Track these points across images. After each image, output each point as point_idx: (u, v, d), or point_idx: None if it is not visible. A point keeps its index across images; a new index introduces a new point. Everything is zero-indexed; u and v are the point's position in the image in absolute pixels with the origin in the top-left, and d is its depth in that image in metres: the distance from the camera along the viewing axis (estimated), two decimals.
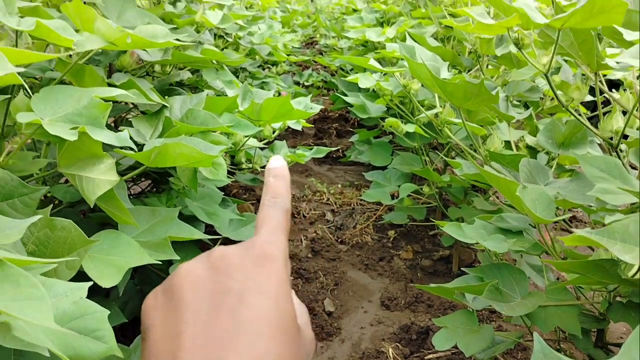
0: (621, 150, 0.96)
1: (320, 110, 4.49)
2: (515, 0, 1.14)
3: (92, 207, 0.76)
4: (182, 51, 1.24)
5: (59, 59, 0.95)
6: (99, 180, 0.74)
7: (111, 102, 0.75)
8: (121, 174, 1.10)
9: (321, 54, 5.28)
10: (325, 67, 4.48)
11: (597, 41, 0.87)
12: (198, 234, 0.91)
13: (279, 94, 2.91)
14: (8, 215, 0.70)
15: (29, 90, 0.75)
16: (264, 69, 3.04)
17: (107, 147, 0.82)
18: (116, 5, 1.11)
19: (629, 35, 0.60)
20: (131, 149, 0.82)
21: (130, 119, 1.39)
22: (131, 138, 0.97)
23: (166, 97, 1.20)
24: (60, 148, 0.79)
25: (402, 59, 1.66)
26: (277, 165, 0.41)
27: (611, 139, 0.91)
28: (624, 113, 0.94)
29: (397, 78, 1.21)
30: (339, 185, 2.80)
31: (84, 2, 1.12)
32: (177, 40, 0.94)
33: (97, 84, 0.96)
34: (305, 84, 3.79)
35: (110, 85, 1.06)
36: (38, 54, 0.43)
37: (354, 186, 2.79)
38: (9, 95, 0.79)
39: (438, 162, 2.01)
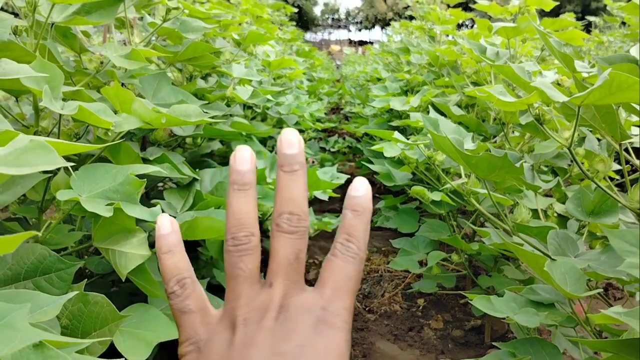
0: None
1: (346, 174, 4.54)
2: (536, 74, 1.17)
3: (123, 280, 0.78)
4: (213, 125, 1.29)
5: (97, 136, 1.00)
6: (131, 254, 0.76)
7: (145, 179, 0.79)
8: (152, 244, 1.12)
9: (347, 119, 5.41)
10: (350, 133, 4.57)
11: (618, 114, 0.88)
12: None
13: (306, 160, 2.97)
14: (44, 290, 0.72)
15: (70, 169, 0.79)
16: None
17: (139, 221, 0.85)
18: (152, 84, 1.18)
19: None
20: None
21: (162, 188, 1.44)
22: (163, 211, 1.01)
23: (197, 169, 1.24)
24: (95, 222, 0.83)
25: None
26: (359, 193, 0.34)
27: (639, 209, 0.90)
28: None
29: (422, 150, 1.23)
30: (366, 252, 2.78)
31: (122, 84, 1.19)
32: (209, 117, 0.99)
33: (132, 159, 1.00)
34: (332, 149, 3.85)
35: (144, 159, 1.11)
36: (85, 146, 0.47)
37: (381, 252, 2.77)
38: (50, 174, 0.84)
39: (467, 228, 1.99)
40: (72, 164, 0.45)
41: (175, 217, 0.99)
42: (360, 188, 0.34)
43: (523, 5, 1.61)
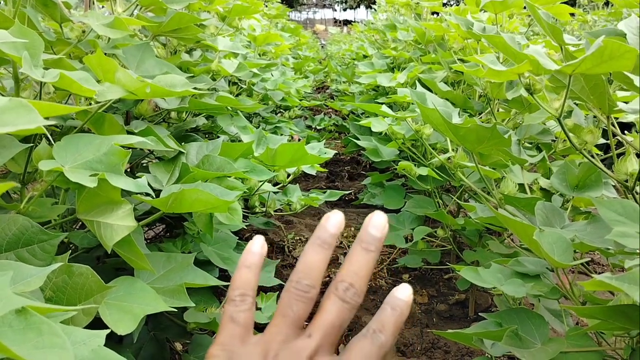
0: (637, 192, 0.95)
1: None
2: (525, 47, 1.16)
3: (109, 252, 0.77)
4: (199, 99, 1.27)
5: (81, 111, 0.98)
6: (117, 226, 0.75)
7: (130, 150, 0.77)
8: (138, 219, 1.11)
9: (332, 97, 5.37)
10: (336, 111, 4.55)
11: (608, 85, 0.88)
12: (213, 281, 0.90)
13: (292, 138, 2.95)
14: (27, 262, 0.71)
15: (50, 139, 0.77)
16: (276, 114, 3.09)
17: (124, 193, 0.84)
18: (135, 55, 1.15)
19: (638, 81, 0.61)
20: (148, 194, 0.83)
21: (146, 165, 1.41)
22: (148, 184, 0.99)
23: (182, 143, 1.22)
24: (79, 194, 0.81)
25: (413, 104, 1.69)
26: (403, 297, 0.37)
27: (626, 181, 0.91)
28: (638, 155, 0.94)
29: (409, 123, 1.22)
30: (352, 228, 2.79)
31: (105, 54, 1.16)
32: (194, 89, 0.97)
33: (116, 131, 0.98)
34: (318, 127, 3.84)
35: (128, 132, 1.09)
36: (67, 107, 0.45)
37: None
38: (32, 144, 0.81)
39: (452, 204, 2.00)
40: (53, 122, 0.43)
41: (161, 190, 0.97)
42: (404, 294, 0.38)
43: None
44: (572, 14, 1.84)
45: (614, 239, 0.68)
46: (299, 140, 3.46)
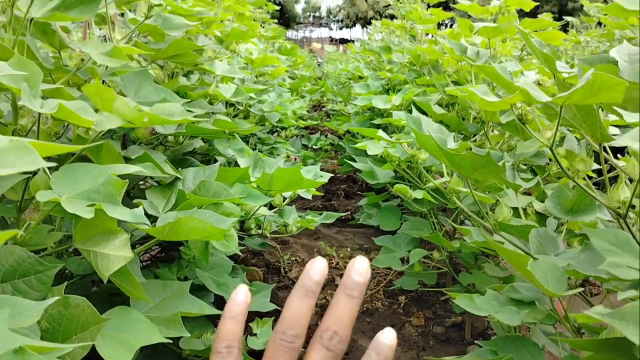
0: (630, 218, 0.96)
1: (328, 171, 4.55)
2: (518, 74, 1.18)
3: (105, 282, 0.77)
4: (196, 123, 1.28)
5: (77, 135, 0.98)
6: (113, 256, 0.75)
7: (127, 179, 0.78)
8: (134, 244, 1.11)
9: (329, 116, 5.40)
10: (333, 130, 4.57)
11: (599, 114, 0.90)
12: (209, 310, 0.90)
13: (288, 158, 2.97)
14: (24, 293, 0.71)
15: (48, 173, 0.77)
16: (273, 133, 3.11)
17: (121, 221, 0.84)
18: (133, 82, 1.16)
19: (628, 117, 0.62)
20: (145, 220, 0.84)
21: (143, 187, 1.42)
22: (145, 211, 0.99)
23: (180, 168, 1.23)
24: (76, 223, 0.81)
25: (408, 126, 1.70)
26: (387, 342, 0.38)
27: (619, 208, 0.92)
28: (631, 180, 0.95)
29: (405, 148, 1.23)
30: (349, 249, 2.78)
31: (103, 81, 1.17)
32: (193, 115, 0.98)
33: (114, 158, 0.99)
34: (314, 147, 3.85)
35: (125, 158, 1.10)
36: (66, 147, 0.46)
37: (363, 250, 2.78)
38: (30, 175, 0.82)
39: (448, 225, 2.01)
40: (53, 164, 0.44)
41: (157, 218, 0.98)
42: (390, 336, 0.39)
43: (503, 6, 1.63)
44: (565, 36, 1.87)
45: (607, 269, 0.69)
46: (295, 159, 3.48)
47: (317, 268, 0.39)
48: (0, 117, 1.00)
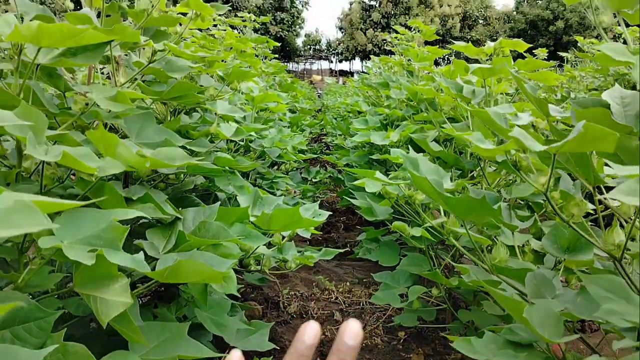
0: (625, 258, 0.97)
1: (328, 203, 4.56)
2: (512, 117, 1.21)
3: (104, 327, 0.77)
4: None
5: (80, 178, 1.00)
6: (113, 301, 0.76)
7: (129, 226, 0.79)
8: (134, 283, 1.11)
9: (328, 147, 5.45)
10: (332, 163, 4.60)
11: (592, 159, 0.92)
12: (207, 352, 0.90)
13: (288, 192, 2.98)
14: (23, 339, 0.71)
15: (50, 223, 0.79)
16: (273, 166, 3.13)
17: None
18: (136, 123, 1.19)
19: (619, 169, 0.64)
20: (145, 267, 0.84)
21: (145, 221, 1.42)
22: (145, 252, 1.00)
23: (180, 207, 1.24)
24: (76, 267, 0.82)
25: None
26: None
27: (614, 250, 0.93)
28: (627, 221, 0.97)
29: (402, 189, 1.25)
30: (348, 283, 2.77)
31: (106, 124, 1.20)
32: (194, 154, 0.99)
33: (116, 200, 1.00)
34: (314, 180, 3.87)
35: (127, 198, 1.11)
36: (68, 204, 0.47)
37: (362, 284, 2.77)
38: None
39: (447, 259, 2.01)
40: (56, 226, 0.45)
41: (157, 259, 0.98)
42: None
43: (498, 47, 1.67)
44: (559, 77, 1.90)
45: (602, 316, 0.70)
46: (295, 192, 3.49)
47: (309, 333, 0.40)
48: (2, 153, 1.02)
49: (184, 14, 1.48)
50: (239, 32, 4.20)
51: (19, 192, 0.87)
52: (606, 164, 1.14)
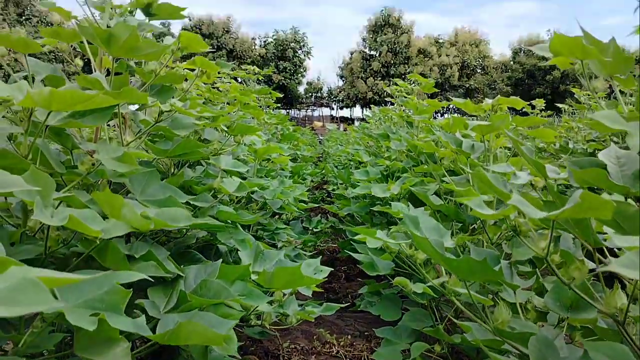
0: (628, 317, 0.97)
1: (329, 252, 4.54)
2: (509, 177, 1.22)
3: None
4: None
5: (84, 238, 1.01)
6: None
7: (131, 289, 0.79)
8: (134, 341, 1.10)
9: (329, 195, 5.47)
10: (333, 212, 4.61)
11: (591, 222, 0.93)
12: None
13: (289, 242, 2.98)
14: None
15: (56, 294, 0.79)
16: (274, 216, 3.14)
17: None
18: (141, 181, 1.20)
19: (618, 240, 0.64)
20: (147, 330, 0.84)
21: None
22: (146, 312, 1.00)
23: (182, 262, 1.24)
24: (77, 330, 0.82)
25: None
26: None
27: (616, 315, 0.92)
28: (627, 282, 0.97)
29: (403, 248, 1.25)
30: (349, 336, 2.72)
31: (110, 182, 1.22)
32: (197, 222, 1.01)
33: (118, 259, 1.01)
34: (315, 230, 3.87)
35: (129, 256, 1.11)
36: (75, 278, 0.48)
37: (364, 337, 2.72)
38: None
39: (450, 314, 1.98)
40: (61, 304, 0.46)
41: (159, 319, 0.98)
42: None
43: (496, 104, 1.71)
44: (557, 134, 1.94)
45: None
46: (296, 242, 3.48)
47: None
48: (7, 207, 1.03)
49: (191, 70, 1.53)
50: (243, 83, 4.30)
51: (23, 252, 0.88)
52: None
